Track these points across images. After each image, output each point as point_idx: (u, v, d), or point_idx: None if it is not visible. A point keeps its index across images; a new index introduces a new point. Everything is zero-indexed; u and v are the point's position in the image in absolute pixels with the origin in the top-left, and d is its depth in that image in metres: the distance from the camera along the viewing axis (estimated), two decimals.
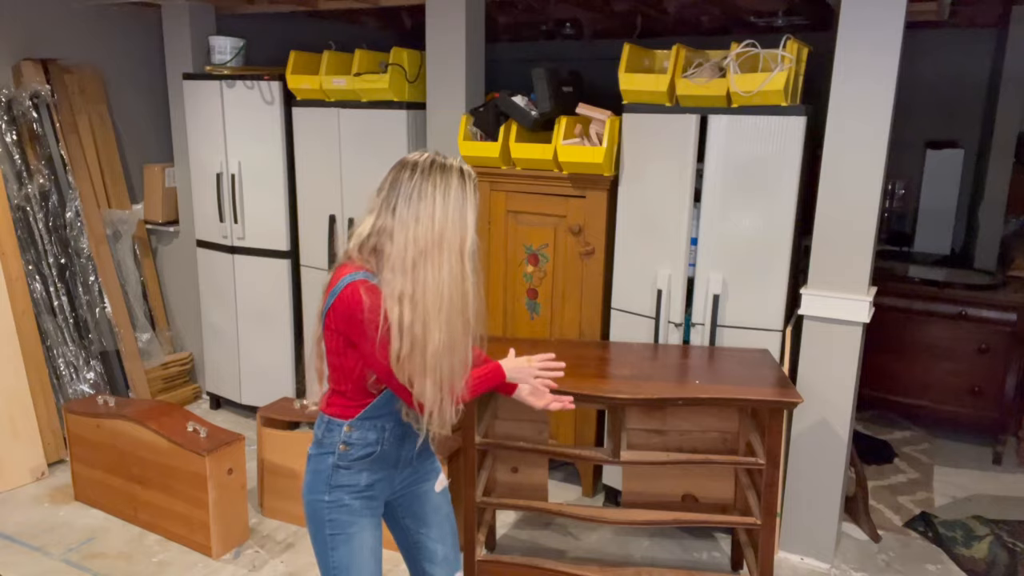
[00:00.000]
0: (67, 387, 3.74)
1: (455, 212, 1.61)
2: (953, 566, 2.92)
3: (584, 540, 3.06)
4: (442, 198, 1.60)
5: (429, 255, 1.58)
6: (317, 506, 1.74)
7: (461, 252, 1.61)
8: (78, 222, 3.85)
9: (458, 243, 1.61)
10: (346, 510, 1.73)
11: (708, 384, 2.44)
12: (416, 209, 1.59)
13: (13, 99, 3.66)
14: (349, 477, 1.74)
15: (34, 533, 3.06)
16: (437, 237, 1.59)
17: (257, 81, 3.73)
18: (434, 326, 1.59)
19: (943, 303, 3.82)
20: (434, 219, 1.59)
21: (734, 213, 2.81)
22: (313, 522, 1.76)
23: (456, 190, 1.62)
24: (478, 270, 1.66)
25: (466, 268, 1.62)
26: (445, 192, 1.60)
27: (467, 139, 3.27)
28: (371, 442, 1.74)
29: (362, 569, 1.75)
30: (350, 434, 1.72)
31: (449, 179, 1.62)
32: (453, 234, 1.60)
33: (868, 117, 2.58)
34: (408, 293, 1.58)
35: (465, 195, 1.63)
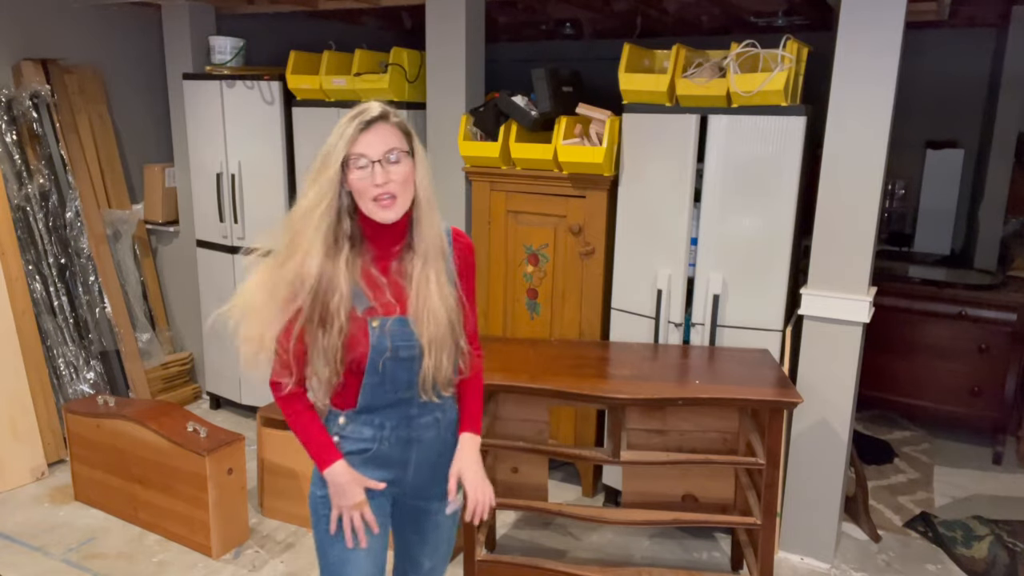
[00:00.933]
0: (67, 387, 3.74)
1: (327, 147, 1.53)
2: (953, 566, 2.92)
3: (584, 540, 3.06)
4: (332, 135, 1.55)
5: (301, 190, 1.56)
6: (314, 501, 1.69)
7: (329, 184, 1.52)
8: (78, 222, 3.85)
9: (322, 174, 1.53)
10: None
11: (708, 384, 2.44)
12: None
13: (13, 99, 3.66)
14: None
15: (34, 533, 3.06)
16: (312, 172, 1.55)
17: (257, 81, 3.73)
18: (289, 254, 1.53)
19: (943, 303, 3.82)
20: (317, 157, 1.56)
21: (734, 213, 2.81)
22: (312, 516, 1.72)
23: (341, 124, 1.53)
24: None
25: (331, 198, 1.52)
26: (336, 129, 1.55)
27: (467, 139, 3.27)
28: (366, 438, 1.64)
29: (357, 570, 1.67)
30: (344, 426, 1.65)
31: (345, 116, 1.54)
32: (321, 167, 1.53)
33: (868, 117, 2.58)
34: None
35: (346, 128, 1.52)
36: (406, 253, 1.61)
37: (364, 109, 1.54)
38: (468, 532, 2.60)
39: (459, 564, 2.72)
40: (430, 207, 1.59)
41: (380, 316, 1.57)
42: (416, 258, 1.59)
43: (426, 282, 1.57)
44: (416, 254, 1.59)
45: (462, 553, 2.64)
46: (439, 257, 1.60)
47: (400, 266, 1.61)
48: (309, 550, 2.96)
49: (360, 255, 1.58)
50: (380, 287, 1.59)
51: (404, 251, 1.61)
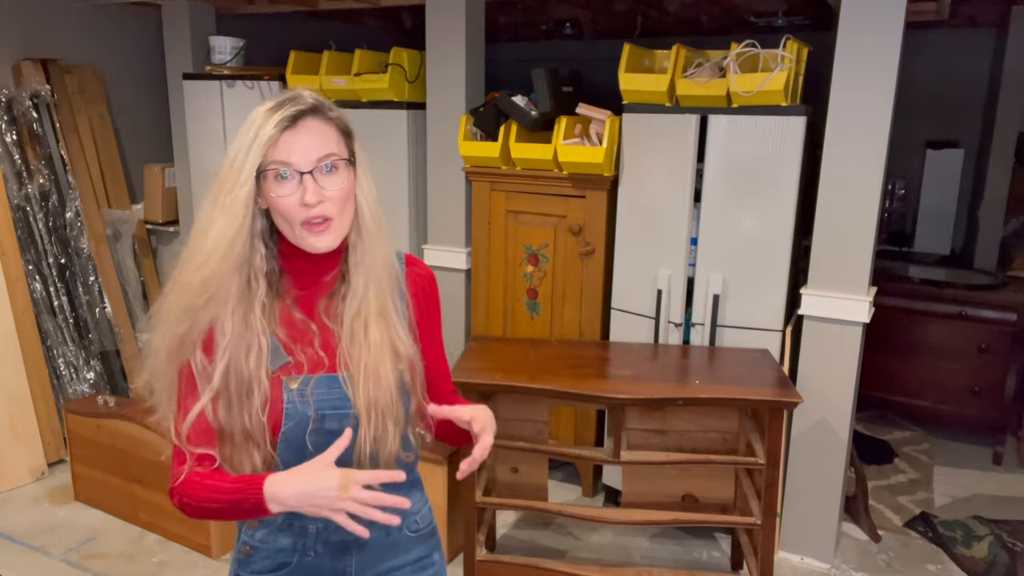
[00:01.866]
0: (67, 387, 3.74)
1: (235, 148, 1.13)
2: (953, 566, 2.92)
3: (584, 540, 3.06)
4: (243, 130, 1.13)
5: (202, 209, 1.15)
6: None
7: (236, 204, 1.11)
8: (78, 222, 3.85)
9: (227, 190, 1.12)
10: None
11: (708, 384, 2.44)
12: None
13: (13, 99, 3.66)
14: None
15: (34, 533, 3.06)
16: (217, 184, 1.14)
17: (257, 81, 3.73)
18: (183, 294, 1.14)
19: (943, 303, 3.82)
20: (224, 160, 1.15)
21: (734, 213, 2.81)
22: None
23: (257, 117, 1.12)
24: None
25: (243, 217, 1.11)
26: (248, 122, 1.13)
27: (467, 139, 3.27)
28: (284, 549, 1.22)
29: None
30: (252, 533, 1.23)
31: (264, 105, 1.14)
32: (225, 179, 1.12)
33: (868, 117, 2.58)
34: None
35: (263, 124, 1.11)
36: (340, 287, 1.21)
37: (288, 98, 1.13)
38: (468, 532, 2.60)
39: (459, 564, 2.72)
40: (377, 228, 1.20)
41: (302, 375, 1.16)
42: (353, 293, 1.19)
43: (364, 324, 1.17)
44: (353, 288, 1.19)
45: (462, 553, 2.64)
46: (386, 291, 1.20)
47: (331, 304, 1.21)
48: None
49: (279, 295, 1.19)
50: (304, 335, 1.18)
51: (337, 285, 1.21)
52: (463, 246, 3.46)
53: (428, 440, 1.30)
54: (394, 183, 3.52)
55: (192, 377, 1.14)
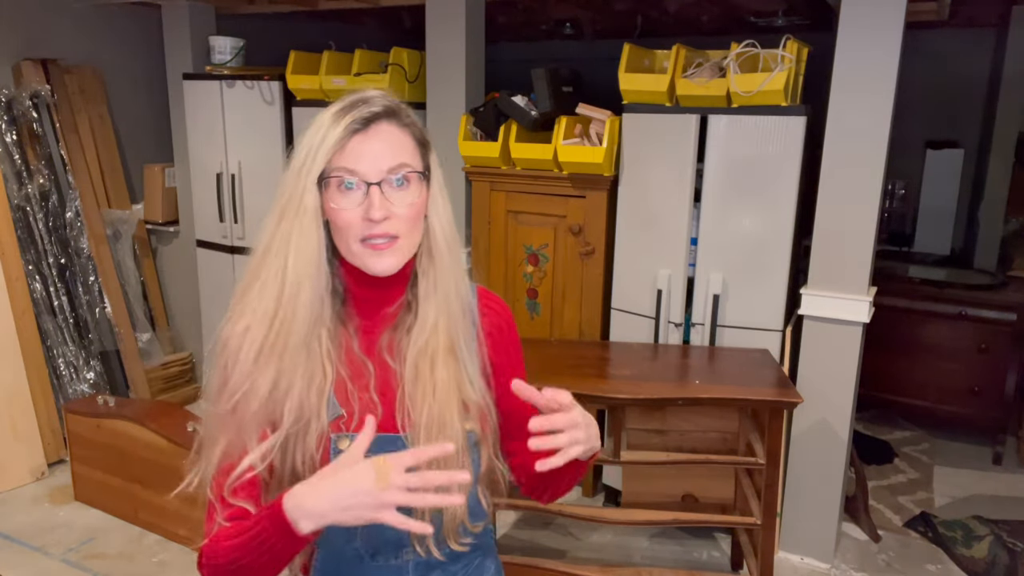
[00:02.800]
0: (67, 387, 3.74)
1: (302, 153, 0.99)
2: (953, 566, 2.92)
3: (584, 540, 3.06)
4: (310, 132, 1.00)
5: (268, 220, 1.03)
6: None
7: (304, 217, 0.98)
8: (78, 222, 3.85)
9: (295, 202, 0.99)
10: None
11: (708, 384, 2.44)
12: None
13: (13, 99, 3.66)
14: None
15: (34, 533, 3.06)
16: (280, 192, 1.01)
17: (257, 81, 3.73)
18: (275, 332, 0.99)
19: (943, 303, 3.82)
20: (291, 168, 1.01)
21: (734, 213, 2.81)
22: None
23: (325, 119, 0.99)
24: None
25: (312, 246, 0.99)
26: (316, 124, 1.01)
27: (467, 139, 3.27)
28: None
29: None
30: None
31: (333, 106, 1.01)
32: (291, 187, 0.99)
33: (868, 117, 2.58)
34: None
35: (331, 127, 0.98)
36: (405, 318, 1.05)
37: (360, 99, 1.00)
38: None
39: None
40: (451, 254, 1.06)
41: (353, 432, 0.98)
42: (421, 327, 1.03)
43: (431, 363, 1.01)
44: (421, 320, 1.03)
45: None
46: (459, 326, 1.05)
47: (393, 338, 1.05)
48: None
49: (341, 321, 1.04)
50: (361, 376, 1.02)
51: (402, 316, 1.06)
52: (463, 246, 3.46)
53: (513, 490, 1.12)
54: None
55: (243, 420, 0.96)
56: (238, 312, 1.00)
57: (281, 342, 0.97)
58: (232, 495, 0.96)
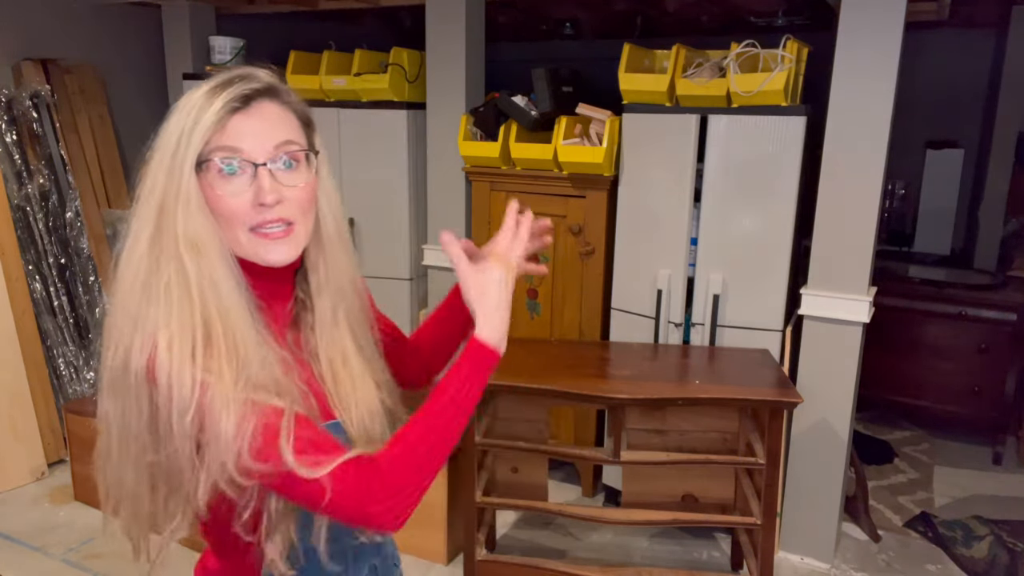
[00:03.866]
0: (67, 387, 3.74)
1: (173, 138, 0.90)
2: (953, 566, 2.92)
3: (584, 540, 3.06)
4: (178, 115, 0.91)
5: (137, 217, 0.97)
6: None
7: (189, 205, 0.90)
8: (78, 222, 3.85)
9: (173, 192, 0.90)
10: None
11: (708, 384, 2.44)
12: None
13: (13, 99, 3.66)
14: None
15: (34, 533, 3.06)
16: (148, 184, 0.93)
17: None
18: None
19: (943, 303, 3.82)
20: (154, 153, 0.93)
21: (734, 213, 2.81)
22: None
23: (197, 99, 0.91)
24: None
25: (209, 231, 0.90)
26: (184, 105, 0.92)
27: (467, 139, 3.27)
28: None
29: None
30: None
31: (204, 86, 0.92)
32: (164, 176, 0.91)
33: (868, 117, 2.58)
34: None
35: (204, 106, 0.90)
36: (304, 315, 1.02)
37: (237, 75, 0.92)
38: (468, 532, 2.60)
39: (459, 564, 2.72)
40: (341, 242, 1.02)
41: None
42: (322, 322, 1.01)
43: (343, 359, 1.01)
44: (320, 316, 1.00)
45: (462, 553, 2.64)
46: (358, 315, 1.05)
47: (298, 336, 1.02)
48: None
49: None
50: (288, 367, 0.96)
51: (298, 312, 1.02)
52: None
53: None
54: (394, 183, 3.52)
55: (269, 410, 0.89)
56: (145, 337, 0.86)
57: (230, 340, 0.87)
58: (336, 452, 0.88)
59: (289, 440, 0.84)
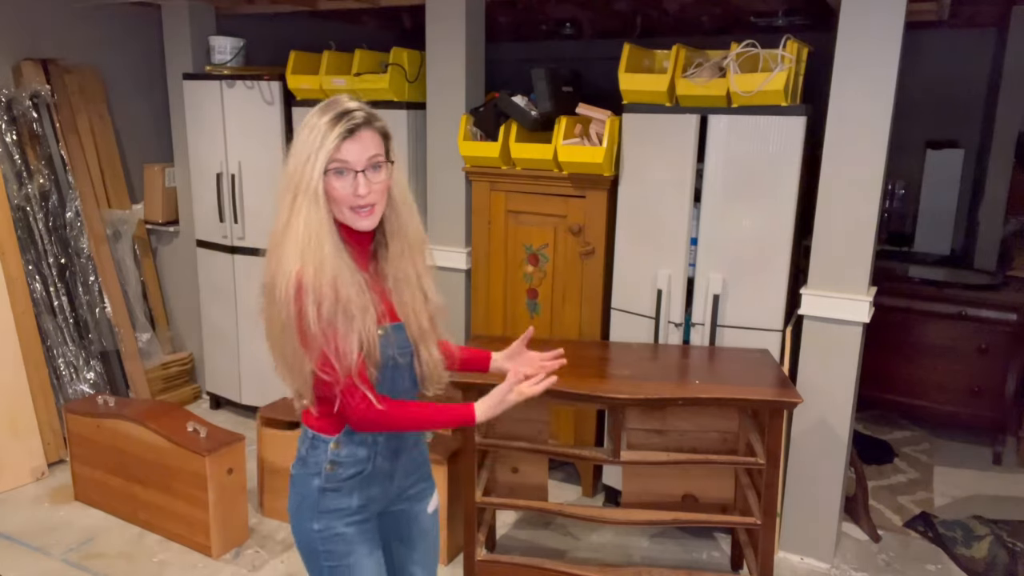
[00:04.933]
0: (67, 387, 3.74)
1: (306, 150, 1.41)
2: (953, 566, 2.92)
3: (584, 540, 3.06)
4: (307, 132, 1.43)
5: (283, 198, 1.44)
6: (308, 536, 1.57)
7: (316, 198, 1.41)
8: (78, 222, 3.85)
9: (305, 186, 1.41)
10: (340, 539, 1.55)
11: (708, 384, 2.44)
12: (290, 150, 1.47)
13: (13, 99, 3.66)
14: (338, 500, 1.55)
15: (34, 533, 3.06)
16: (294, 178, 1.42)
17: (257, 81, 3.73)
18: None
19: (943, 303, 3.82)
20: (295, 156, 1.43)
21: (734, 213, 2.81)
22: (306, 553, 1.60)
23: (320, 126, 1.42)
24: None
25: (321, 216, 1.42)
26: (312, 126, 1.42)
27: (467, 139, 3.27)
28: (362, 459, 1.55)
29: None
30: (337, 451, 1.54)
31: (323, 115, 1.43)
32: (301, 175, 1.41)
33: (868, 117, 2.58)
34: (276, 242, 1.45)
35: (331, 130, 1.41)
36: (380, 251, 1.57)
37: (346, 112, 1.42)
38: (468, 532, 2.60)
39: (459, 564, 2.72)
40: (407, 207, 1.57)
41: (383, 324, 1.51)
42: (392, 256, 1.55)
43: (407, 281, 1.56)
44: (391, 253, 1.55)
45: (462, 553, 2.64)
46: (420, 252, 1.59)
47: (377, 266, 1.57)
48: None
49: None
50: (372, 288, 1.51)
51: (378, 249, 1.57)
52: (463, 246, 3.46)
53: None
54: None
55: (335, 329, 1.42)
56: (290, 262, 1.41)
57: (329, 275, 1.41)
58: (360, 376, 1.45)
59: (343, 368, 1.43)
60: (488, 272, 3.38)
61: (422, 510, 1.74)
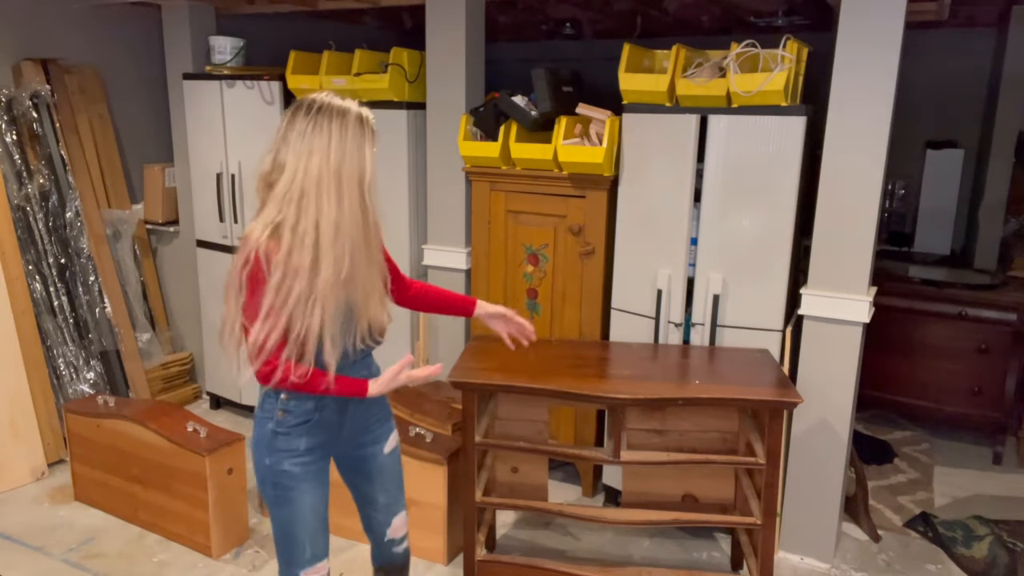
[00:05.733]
0: (67, 387, 3.74)
1: (353, 148, 1.64)
2: (953, 566, 2.92)
3: (584, 540, 3.06)
4: (339, 134, 1.63)
5: (324, 188, 1.61)
6: (261, 468, 1.82)
7: (360, 187, 1.65)
8: (78, 222, 3.85)
9: (356, 178, 1.64)
10: (286, 475, 1.79)
11: (708, 384, 2.44)
12: (310, 143, 1.62)
13: (13, 99, 3.66)
14: (288, 442, 1.78)
15: (34, 533, 3.06)
16: (334, 170, 1.62)
17: (257, 81, 3.73)
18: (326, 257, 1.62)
19: (943, 303, 3.82)
20: (330, 153, 1.61)
21: (734, 213, 2.81)
22: (259, 480, 1.84)
23: (354, 129, 1.65)
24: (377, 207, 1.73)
25: (367, 202, 1.66)
26: (342, 129, 1.63)
27: (467, 139, 3.27)
28: (308, 409, 1.78)
29: (304, 527, 1.84)
30: (287, 402, 1.77)
31: (346, 119, 1.65)
32: (351, 169, 1.63)
33: (868, 117, 2.58)
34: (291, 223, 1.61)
35: (363, 135, 1.67)
36: None
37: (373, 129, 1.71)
38: (468, 532, 2.60)
39: (459, 564, 2.72)
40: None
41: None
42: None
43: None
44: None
45: (462, 553, 2.64)
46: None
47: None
48: None
49: None
50: None
51: None
52: (463, 246, 3.46)
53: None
54: (394, 183, 3.52)
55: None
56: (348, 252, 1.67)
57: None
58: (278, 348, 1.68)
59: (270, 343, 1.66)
60: (488, 272, 3.38)
61: (379, 451, 1.98)
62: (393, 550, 2.10)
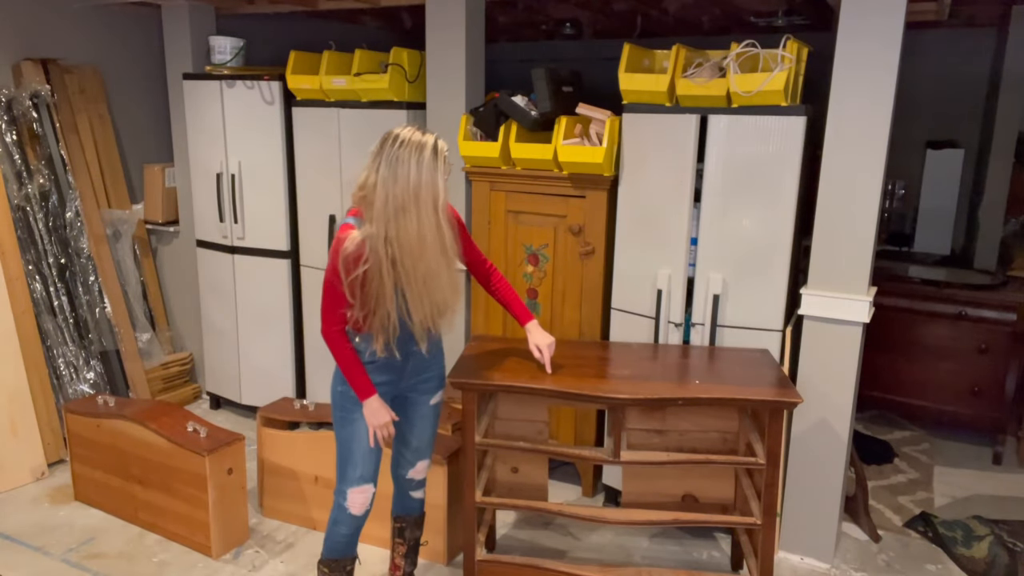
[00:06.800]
0: (67, 387, 3.74)
1: (428, 176, 2.06)
2: (953, 566, 2.92)
3: (584, 540, 3.06)
4: (416, 165, 2.05)
5: (407, 208, 2.04)
6: (334, 394, 2.29)
7: (435, 207, 2.08)
8: (78, 222, 3.85)
9: (431, 200, 2.07)
10: (351, 400, 2.23)
11: (708, 384, 2.44)
12: (395, 171, 2.05)
13: (13, 99, 3.66)
14: None
15: (34, 533, 3.06)
16: (413, 195, 2.04)
17: (257, 81, 3.73)
18: (417, 260, 2.07)
19: (943, 303, 3.82)
20: (409, 181, 2.04)
21: (734, 213, 2.81)
22: (333, 406, 2.30)
23: (428, 160, 2.06)
24: (449, 221, 2.15)
25: (440, 219, 2.10)
26: (419, 161, 2.05)
27: (467, 139, 3.27)
28: (374, 351, 2.19)
29: (360, 446, 2.27)
30: (359, 343, 2.22)
31: (423, 151, 2.06)
32: (427, 193, 2.06)
33: (868, 117, 2.58)
34: (393, 236, 2.05)
35: (436, 164, 2.08)
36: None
37: (446, 156, 2.14)
38: (468, 532, 2.60)
39: (459, 564, 2.72)
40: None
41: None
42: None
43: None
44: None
45: (462, 553, 2.64)
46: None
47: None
48: (309, 550, 2.97)
49: None
50: None
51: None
52: None
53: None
54: None
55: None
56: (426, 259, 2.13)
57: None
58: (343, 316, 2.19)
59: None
60: None
61: (425, 401, 2.41)
62: (411, 493, 2.51)
